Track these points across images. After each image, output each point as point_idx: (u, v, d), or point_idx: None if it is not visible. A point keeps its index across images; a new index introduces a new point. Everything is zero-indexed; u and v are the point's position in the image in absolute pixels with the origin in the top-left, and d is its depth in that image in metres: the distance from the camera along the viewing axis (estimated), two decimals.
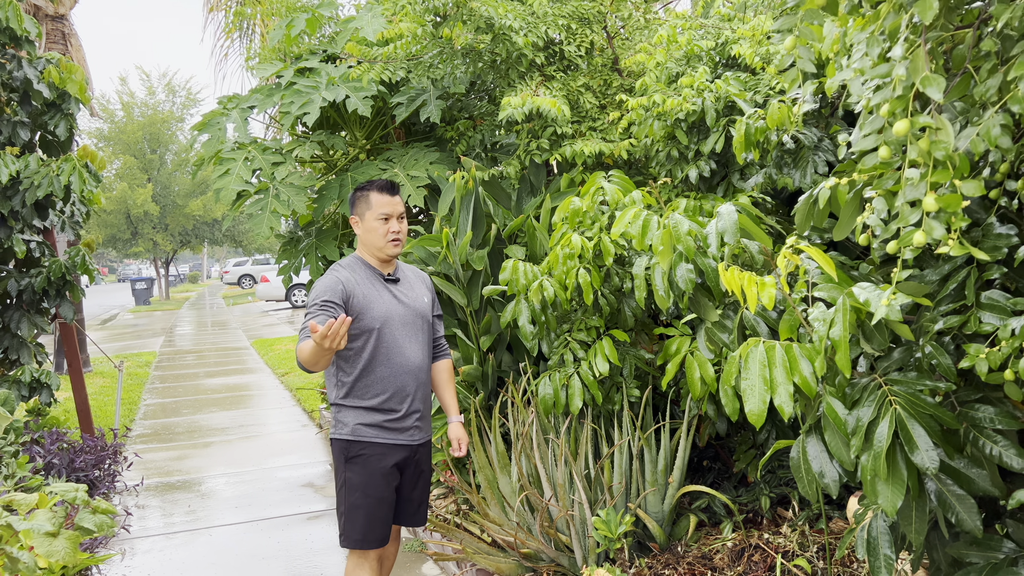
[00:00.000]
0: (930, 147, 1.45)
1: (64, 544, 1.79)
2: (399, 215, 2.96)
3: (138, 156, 27.55)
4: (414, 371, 2.95)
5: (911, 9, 1.46)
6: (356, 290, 2.87)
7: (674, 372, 3.04)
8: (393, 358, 2.90)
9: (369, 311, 2.87)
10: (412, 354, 2.95)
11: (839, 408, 1.95)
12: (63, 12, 10.54)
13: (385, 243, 2.94)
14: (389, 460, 2.90)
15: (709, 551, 3.47)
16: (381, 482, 2.89)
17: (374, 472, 2.88)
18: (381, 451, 2.89)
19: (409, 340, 2.95)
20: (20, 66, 5.24)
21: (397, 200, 2.97)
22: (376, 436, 2.89)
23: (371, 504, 2.87)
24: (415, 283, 3.10)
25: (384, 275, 2.99)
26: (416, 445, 2.99)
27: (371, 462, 2.88)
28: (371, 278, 2.95)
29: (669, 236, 2.61)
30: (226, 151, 5.15)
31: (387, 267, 3.01)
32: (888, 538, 2.09)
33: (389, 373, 2.89)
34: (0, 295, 5.50)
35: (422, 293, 3.08)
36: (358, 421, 2.89)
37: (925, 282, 2.05)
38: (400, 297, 2.98)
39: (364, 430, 2.89)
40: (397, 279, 3.02)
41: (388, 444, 2.90)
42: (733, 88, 3.58)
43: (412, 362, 2.94)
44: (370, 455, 2.88)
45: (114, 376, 10.94)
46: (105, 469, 5.13)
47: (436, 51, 4.66)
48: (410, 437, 2.96)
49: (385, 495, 2.90)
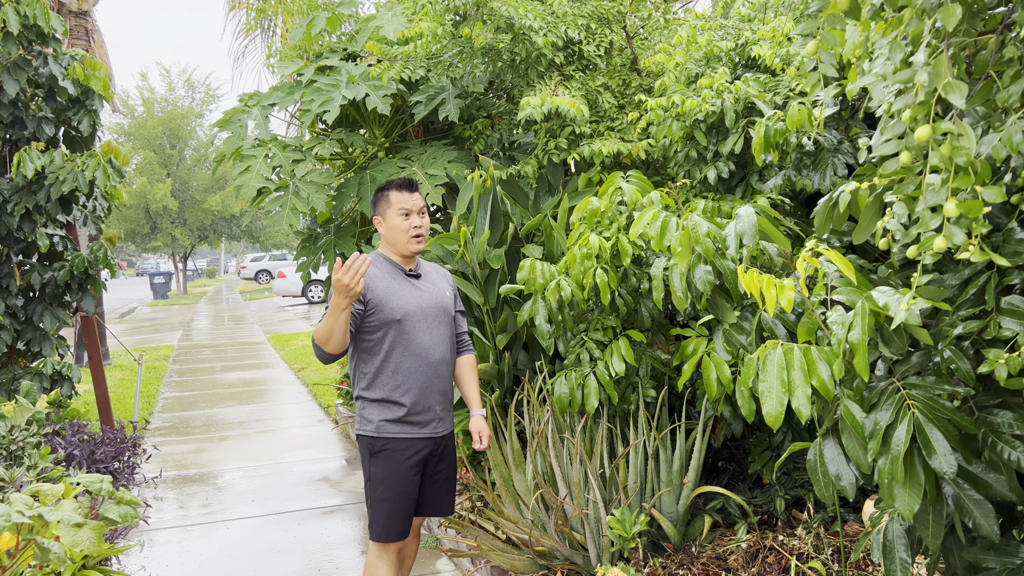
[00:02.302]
0: (952, 153, 1.45)
1: (89, 535, 1.83)
2: (419, 210, 2.99)
3: (158, 151, 27.78)
4: (435, 363, 2.97)
5: (934, 15, 1.46)
6: (376, 283, 2.91)
7: (690, 373, 3.05)
8: (414, 350, 2.92)
9: (389, 303, 2.90)
10: (433, 347, 2.97)
11: (857, 411, 1.95)
12: (86, 8, 10.65)
13: (408, 239, 2.97)
14: (413, 455, 2.93)
15: (723, 552, 3.48)
16: (405, 477, 2.92)
17: (398, 467, 2.91)
18: (405, 446, 2.92)
19: (430, 333, 2.97)
20: (46, 63, 5.31)
21: (417, 196, 3.01)
22: (400, 432, 2.92)
23: (394, 498, 2.91)
24: (437, 279, 3.13)
25: (406, 271, 3.02)
26: (440, 437, 3.01)
27: (395, 456, 2.91)
28: (392, 272, 2.99)
29: (688, 237, 2.62)
30: (247, 148, 5.20)
31: (409, 263, 3.05)
32: (904, 542, 2.09)
33: (410, 365, 2.92)
34: (23, 288, 5.59)
35: (444, 288, 3.11)
36: (382, 418, 2.92)
37: (944, 286, 2.05)
38: (423, 291, 3.01)
39: (388, 426, 2.92)
40: (419, 275, 3.06)
41: (412, 439, 2.93)
42: (753, 89, 3.58)
43: (433, 355, 2.96)
44: (394, 450, 2.91)
45: (133, 369, 11.06)
46: (124, 461, 5.19)
47: (456, 50, 4.68)
48: (433, 430, 2.98)
49: (409, 490, 2.93)
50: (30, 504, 1.79)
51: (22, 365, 5.74)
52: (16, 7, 5.08)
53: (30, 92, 5.46)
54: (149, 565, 4.22)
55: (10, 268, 5.51)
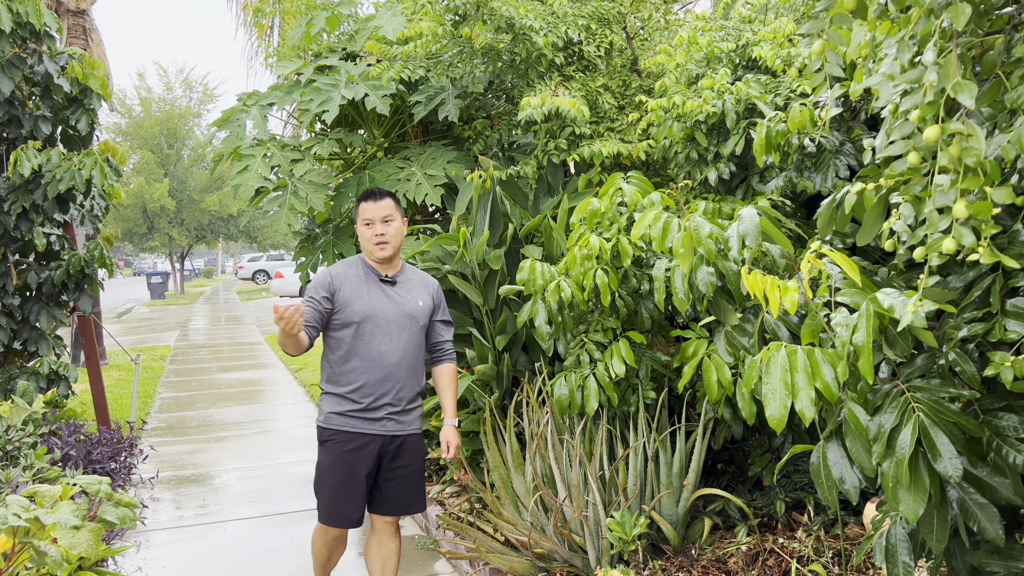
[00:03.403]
0: (961, 153, 1.44)
1: (87, 536, 1.81)
2: (383, 219, 3.12)
3: (155, 151, 27.72)
4: (390, 367, 3.09)
5: (942, 14, 1.45)
6: (344, 285, 3.10)
7: (691, 375, 3.03)
8: (368, 352, 3.07)
9: (352, 305, 3.08)
10: (390, 351, 3.10)
11: (861, 414, 1.94)
12: (84, 7, 10.62)
13: (372, 247, 3.14)
14: (356, 448, 3.07)
15: (723, 555, 3.46)
16: (345, 468, 3.07)
17: (339, 457, 3.08)
18: (347, 438, 3.08)
19: (389, 338, 3.10)
20: (41, 61, 5.29)
21: (380, 205, 3.13)
22: (344, 425, 3.09)
23: (335, 486, 3.08)
24: (416, 287, 3.23)
25: (382, 276, 3.17)
26: (390, 436, 3.12)
27: (336, 448, 3.09)
28: (365, 276, 3.15)
29: (690, 239, 2.61)
30: (245, 147, 5.18)
31: (385, 268, 3.19)
32: (907, 545, 2.08)
33: (363, 365, 3.07)
34: (20, 287, 5.56)
35: (419, 296, 3.21)
36: (330, 409, 3.12)
37: (949, 288, 2.04)
38: (391, 297, 3.14)
39: (334, 418, 3.10)
40: (395, 281, 3.18)
41: (355, 432, 3.08)
42: (754, 90, 3.57)
43: (388, 358, 3.09)
44: (337, 441, 3.09)
45: (130, 369, 11.02)
46: (121, 461, 5.17)
47: (455, 50, 4.67)
48: (382, 428, 3.10)
49: (351, 480, 3.07)
50: (27, 506, 1.77)
51: (18, 365, 5.71)
52: (8, 4, 5.05)
53: (27, 91, 5.43)
54: (146, 566, 4.20)
55: (7, 267, 5.48)
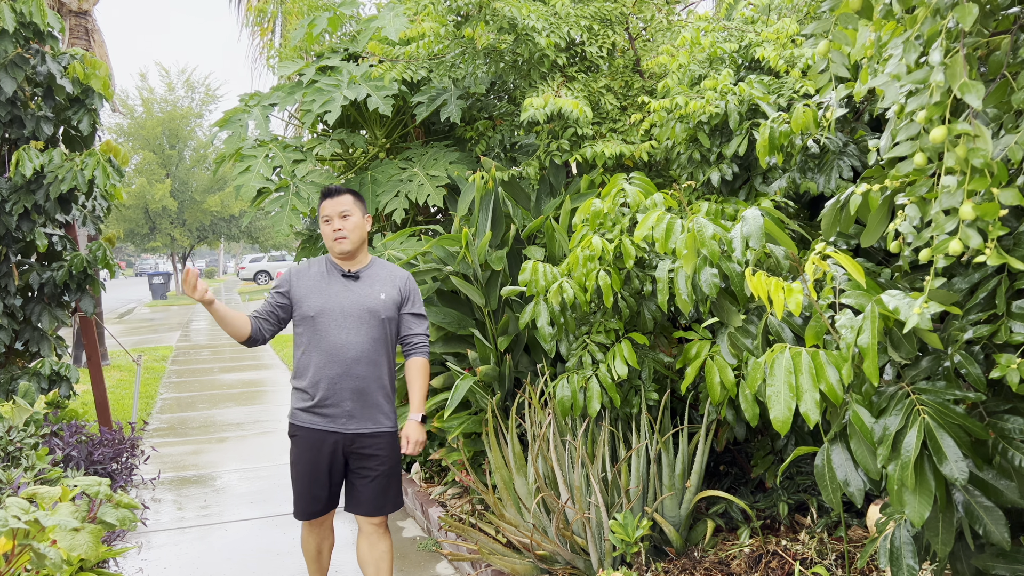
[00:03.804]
0: (967, 154, 1.43)
1: (87, 538, 1.80)
2: (340, 214, 3.17)
3: (157, 151, 27.73)
4: (347, 362, 3.11)
5: (948, 14, 1.44)
6: (299, 282, 3.21)
7: (693, 376, 3.02)
8: (326, 347, 3.12)
9: (306, 301, 3.17)
10: (348, 346, 3.12)
11: (866, 416, 1.93)
12: (87, 8, 10.63)
13: (332, 242, 3.19)
14: (318, 444, 3.13)
15: (726, 557, 3.45)
16: (309, 463, 3.15)
17: (303, 453, 3.16)
18: (310, 435, 3.15)
19: (347, 332, 3.13)
20: (43, 61, 5.28)
21: (337, 201, 3.18)
22: (308, 422, 3.15)
23: (299, 479, 3.18)
24: (380, 281, 3.25)
25: (344, 271, 3.22)
26: (351, 434, 3.14)
27: (301, 443, 3.17)
28: (326, 273, 3.22)
29: (693, 240, 2.60)
30: (247, 148, 5.17)
31: (348, 264, 3.23)
32: (911, 548, 2.07)
33: (321, 360, 3.12)
34: (22, 288, 5.55)
35: (381, 290, 3.22)
36: (296, 406, 3.19)
37: (954, 290, 2.03)
38: (352, 292, 3.18)
39: (299, 414, 3.18)
40: (358, 276, 3.22)
41: (317, 429, 3.14)
42: (757, 91, 3.56)
43: (346, 354, 3.11)
44: (302, 437, 3.17)
45: (131, 370, 11.02)
46: (122, 462, 5.16)
47: (458, 51, 4.66)
48: (343, 426, 3.13)
49: (314, 475, 3.15)
50: (26, 508, 1.76)
51: (20, 365, 5.71)
52: (12, 4, 5.05)
53: (29, 91, 5.43)
54: (147, 567, 4.19)
55: (9, 268, 5.48)
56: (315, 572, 3.41)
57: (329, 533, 3.38)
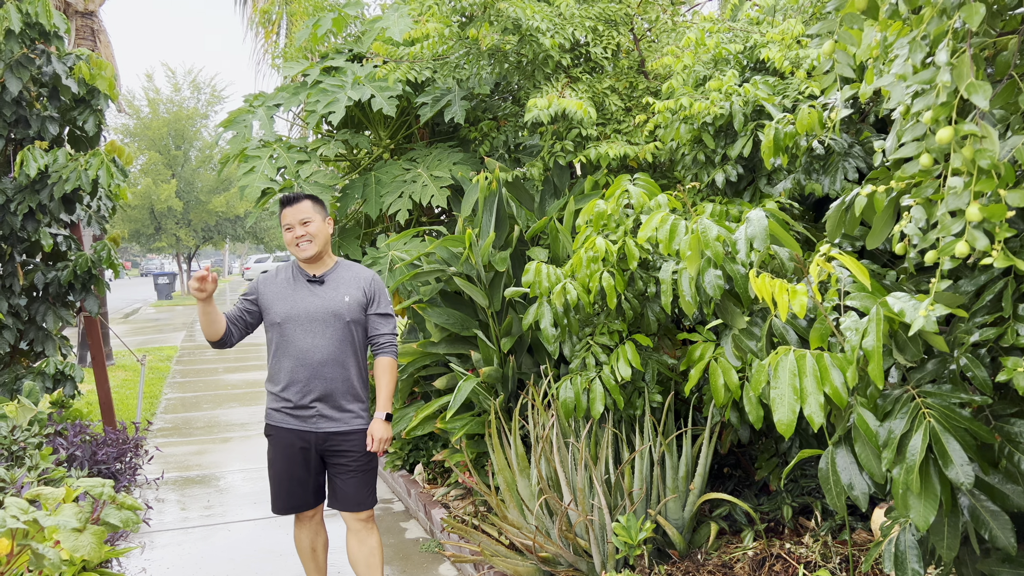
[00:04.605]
0: (974, 155, 1.42)
1: (89, 539, 1.80)
2: (300, 221, 3.23)
3: (163, 152, 27.79)
4: (314, 365, 3.19)
5: (955, 14, 1.43)
6: (265, 289, 3.30)
7: (697, 378, 3.01)
8: (293, 352, 3.21)
9: (273, 307, 3.26)
10: (314, 350, 3.20)
11: (870, 420, 1.91)
12: (92, 9, 10.65)
13: (294, 248, 3.26)
14: (291, 443, 3.23)
15: (729, 560, 3.44)
16: (282, 461, 3.26)
17: (277, 451, 3.27)
18: (283, 434, 3.25)
19: (313, 336, 3.20)
20: (49, 61, 5.29)
21: (295, 209, 3.24)
22: (281, 421, 3.26)
23: (276, 477, 3.29)
24: (345, 283, 3.30)
25: (309, 276, 3.28)
26: (323, 433, 3.23)
27: (275, 442, 3.28)
28: (292, 279, 3.30)
29: (697, 241, 2.59)
30: (251, 149, 5.17)
31: (312, 268, 3.30)
32: (916, 552, 2.05)
33: (290, 364, 3.21)
34: (27, 288, 5.56)
35: (344, 293, 3.28)
36: (269, 406, 3.30)
37: (960, 293, 2.01)
38: (317, 296, 3.24)
39: (273, 414, 3.29)
40: (323, 280, 3.28)
41: (289, 429, 3.24)
42: (762, 92, 3.54)
43: (312, 357, 3.19)
44: (276, 436, 3.28)
45: (136, 370, 11.04)
46: (126, 462, 5.17)
47: (462, 52, 4.66)
48: (314, 425, 3.22)
49: (290, 473, 3.25)
50: (26, 509, 1.76)
51: (25, 365, 5.72)
52: (18, 5, 5.06)
53: (35, 91, 5.44)
54: (150, 567, 4.19)
55: (14, 267, 5.49)
56: (312, 571, 3.44)
57: (320, 529, 3.44)
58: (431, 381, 4.88)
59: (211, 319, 3.17)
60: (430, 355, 4.56)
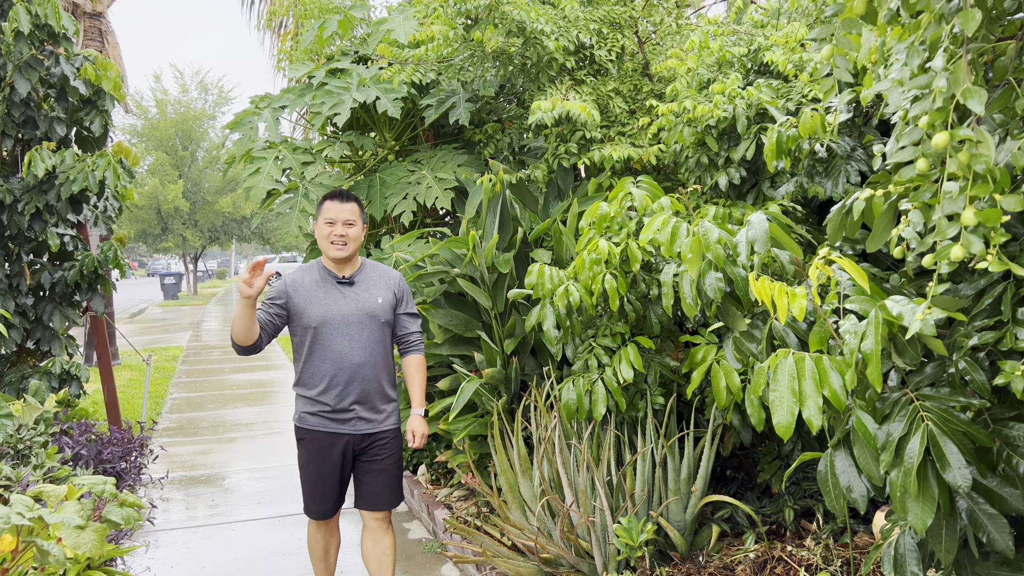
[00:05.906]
0: (970, 160, 1.42)
1: (92, 536, 1.82)
2: (345, 221, 3.20)
3: (170, 152, 27.89)
4: (352, 367, 3.17)
5: (952, 20, 1.43)
6: (297, 292, 3.21)
7: (699, 380, 3.02)
8: (331, 355, 3.17)
9: (307, 311, 3.18)
10: (352, 352, 3.17)
11: (869, 423, 1.92)
12: (100, 10, 10.71)
13: (328, 244, 3.20)
14: (328, 447, 3.20)
15: (731, 562, 3.44)
16: (319, 465, 3.21)
17: (312, 455, 3.22)
18: (319, 437, 3.20)
19: (348, 339, 3.18)
20: (57, 62, 5.33)
21: (347, 208, 3.21)
22: (317, 425, 3.21)
23: (311, 481, 3.25)
24: (375, 284, 3.29)
25: (339, 277, 3.24)
26: (360, 435, 3.22)
27: (310, 446, 3.23)
28: (322, 281, 3.24)
29: (698, 244, 2.59)
30: (257, 150, 5.20)
31: (342, 269, 3.25)
32: (916, 555, 2.06)
33: (325, 368, 3.17)
34: (33, 288, 5.60)
35: (377, 294, 3.26)
36: (303, 410, 3.24)
37: (959, 296, 2.02)
38: (349, 298, 3.21)
39: (308, 418, 3.23)
40: (352, 281, 3.25)
41: (326, 432, 3.20)
42: (765, 95, 3.55)
43: (349, 359, 3.17)
44: (311, 440, 3.23)
45: (141, 369, 11.09)
46: (131, 461, 5.20)
47: (467, 54, 4.67)
48: (352, 427, 3.20)
49: (325, 476, 3.21)
50: (31, 506, 1.78)
51: (31, 364, 5.75)
52: (27, 6, 5.10)
53: (42, 92, 5.48)
54: (154, 566, 4.21)
55: (20, 267, 5.52)
56: (322, 572, 3.44)
57: (336, 531, 3.44)
58: (434, 382, 4.89)
59: (251, 322, 3.03)
60: (433, 356, 4.58)
